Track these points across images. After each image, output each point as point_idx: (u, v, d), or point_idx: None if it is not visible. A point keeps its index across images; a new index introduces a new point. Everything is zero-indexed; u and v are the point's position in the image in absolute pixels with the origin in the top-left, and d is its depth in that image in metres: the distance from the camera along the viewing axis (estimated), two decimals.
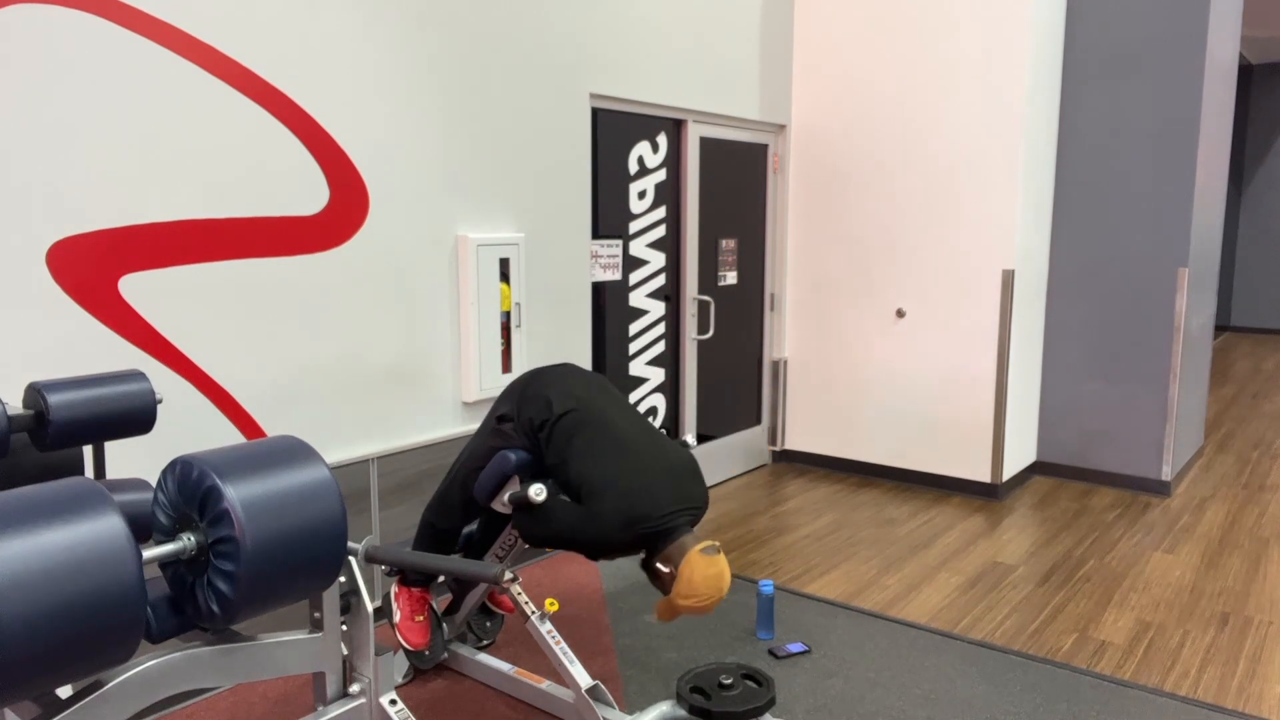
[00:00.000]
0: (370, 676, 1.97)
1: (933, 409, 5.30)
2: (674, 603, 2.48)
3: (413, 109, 3.53)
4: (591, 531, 2.50)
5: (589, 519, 2.50)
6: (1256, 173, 12.26)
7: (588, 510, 2.51)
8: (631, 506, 2.48)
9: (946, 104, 5.07)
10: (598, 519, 2.49)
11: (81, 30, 2.62)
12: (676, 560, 2.49)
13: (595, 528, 2.49)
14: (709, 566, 2.47)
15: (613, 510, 2.48)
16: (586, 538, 2.51)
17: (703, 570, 2.46)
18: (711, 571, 2.47)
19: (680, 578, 2.46)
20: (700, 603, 2.46)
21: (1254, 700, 3.04)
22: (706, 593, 2.46)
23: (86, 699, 1.57)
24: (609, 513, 2.48)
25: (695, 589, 2.44)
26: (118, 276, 2.75)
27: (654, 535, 2.50)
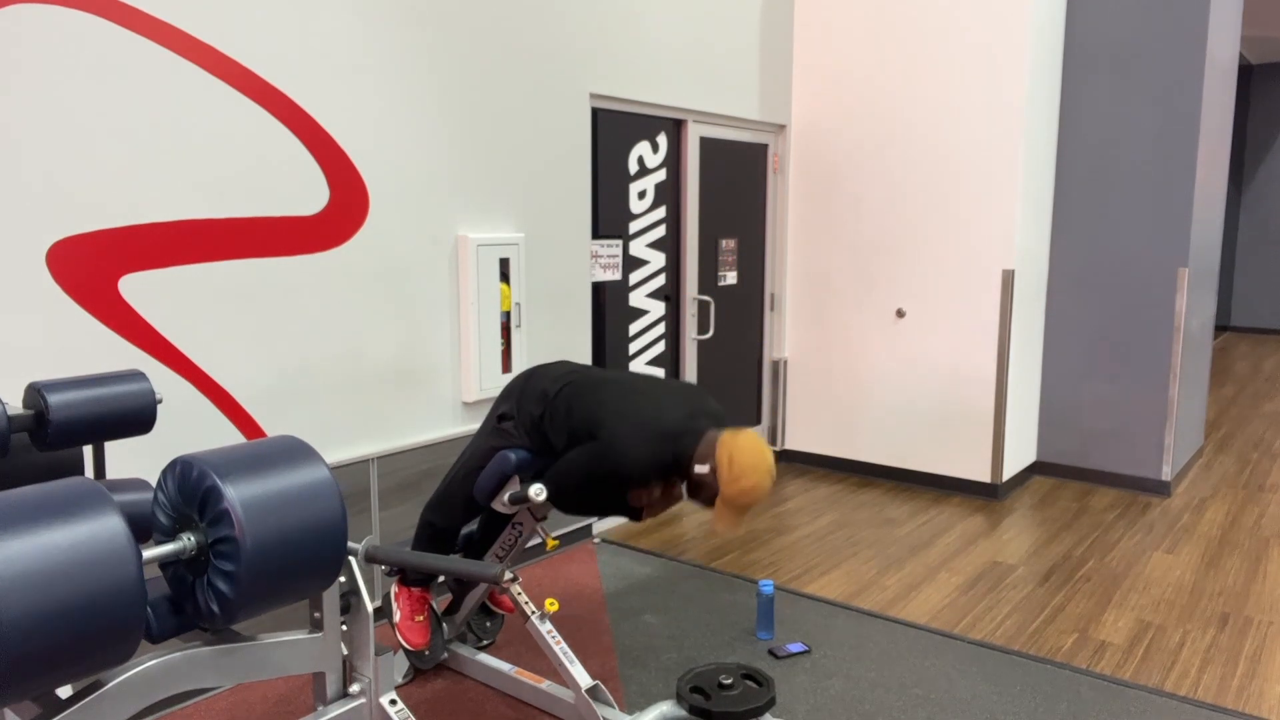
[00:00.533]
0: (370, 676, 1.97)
1: (933, 409, 5.30)
2: (727, 498, 2.33)
3: (413, 109, 3.53)
4: (615, 456, 2.37)
5: (610, 445, 2.38)
6: (1256, 173, 12.26)
7: (607, 438, 2.39)
8: (650, 419, 2.39)
9: (947, 104, 5.07)
10: (618, 440, 2.37)
11: (81, 30, 2.62)
12: (710, 454, 2.36)
13: (618, 450, 2.37)
14: (746, 439, 2.33)
15: (632, 428, 2.37)
16: (612, 464, 2.38)
17: (742, 445, 2.32)
18: (751, 443, 2.32)
19: (721, 465, 2.32)
20: (752, 480, 2.30)
21: (1254, 700, 3.04)
22: (753, 464, 2.31)
23: (86, 699, 1.57)
24: (628, 431, 2.37)
25: (742, 467, 2.31)
26: (118, 276, 2.75)
27: (679, 437, 2.38)
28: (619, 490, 2.51)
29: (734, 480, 2.33)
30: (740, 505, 2.35)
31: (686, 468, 2.42)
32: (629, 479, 2.44)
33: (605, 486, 2.46)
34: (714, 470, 2.37)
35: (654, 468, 2.43)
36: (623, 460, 2.40)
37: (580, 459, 2.47)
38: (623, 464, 2.41)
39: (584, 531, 4.51)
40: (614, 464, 2.41)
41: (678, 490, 2.55)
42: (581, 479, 2.48)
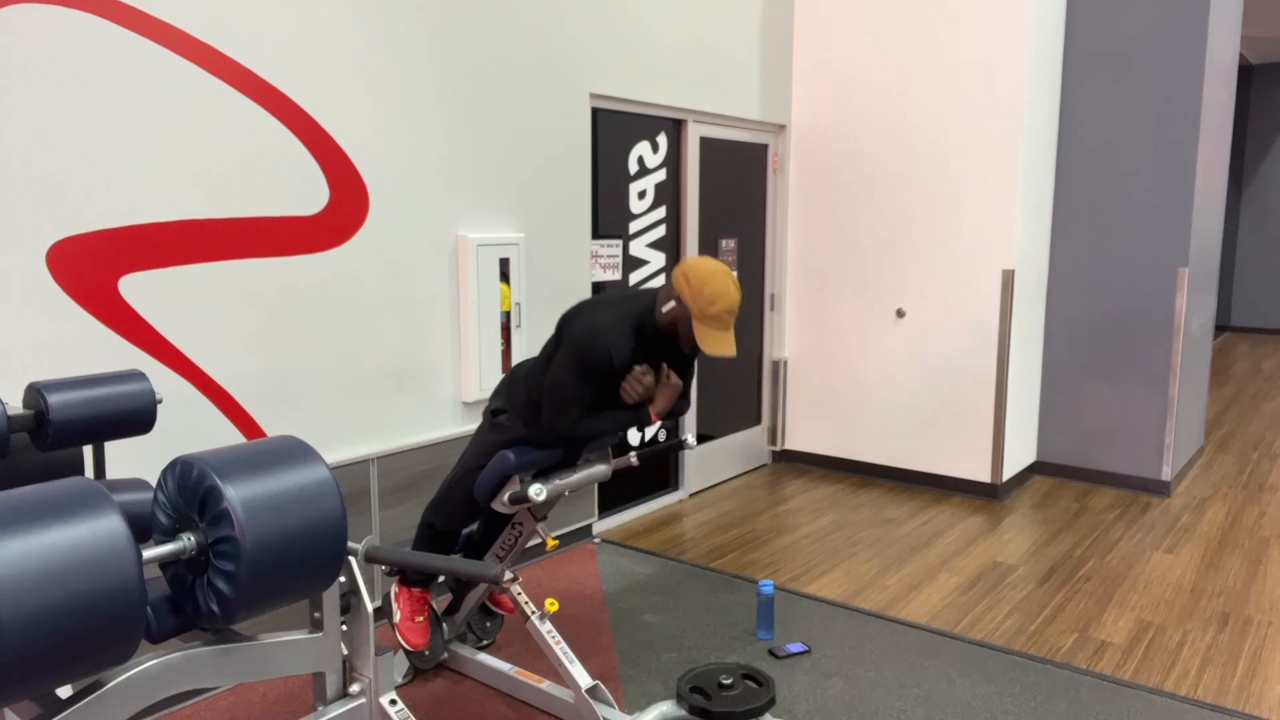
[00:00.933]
0: (370, 676, 1.97)
1: (933, 409, 5.30)
2: (700, 313, 2.35)
3: (413, 109, 3.53)
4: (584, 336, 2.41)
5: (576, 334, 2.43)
6: (1256, 173, 12.26)
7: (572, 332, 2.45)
8: (603, 302, 2.48)
9: (947, 103, 5.07)
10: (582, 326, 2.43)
11: (81, 30, 2.62)
12: (669, 288, 2.42)
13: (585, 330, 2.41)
14: (694, 259, 2.38)
15: (590, 314, 2.45)
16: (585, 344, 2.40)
17: (692, 262, 2.38)
18: (700, 259, 2.38)
19: (681, 287, 2.37)
20: (715, 284, 2.33)
21: (1254, 700, 3.04)
22: (710, 269, 2.35)
23: (86, 699, 1.57)
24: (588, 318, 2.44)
25: (700, 276, 2.35)
26: (118, 276, 2.75)
27: (636, 298, 2.46)
28: (607, 381, 2.50)
29: (699, 292, 2.35)
30: (715, 316, 2.37)
31: (662, 315, 2.45)
32: (608, 358, 2.44)
33: (593, 380, 2.45)
34: (679, 297, 2.39)
35: (625, 335, 2.44)
36: (593, 337, 2.41)
37: (559, 364, 2.48)
38: (595, 341, 2.41)
39: (584, 532, 4.51)
40: (586, 344, 2.42)
41: (667, 373, 2.55)
42: (569, 381, 2.46)
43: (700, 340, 2.38)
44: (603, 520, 4.70)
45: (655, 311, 2.48)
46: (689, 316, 2.40)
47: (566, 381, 2.47)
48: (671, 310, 2.43)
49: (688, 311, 2.39)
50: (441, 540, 2.96)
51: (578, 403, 2.49)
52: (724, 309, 2.37)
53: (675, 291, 2.41)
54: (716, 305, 2.36)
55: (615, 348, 2.44)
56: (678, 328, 2.45)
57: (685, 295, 2.38)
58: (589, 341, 2.43)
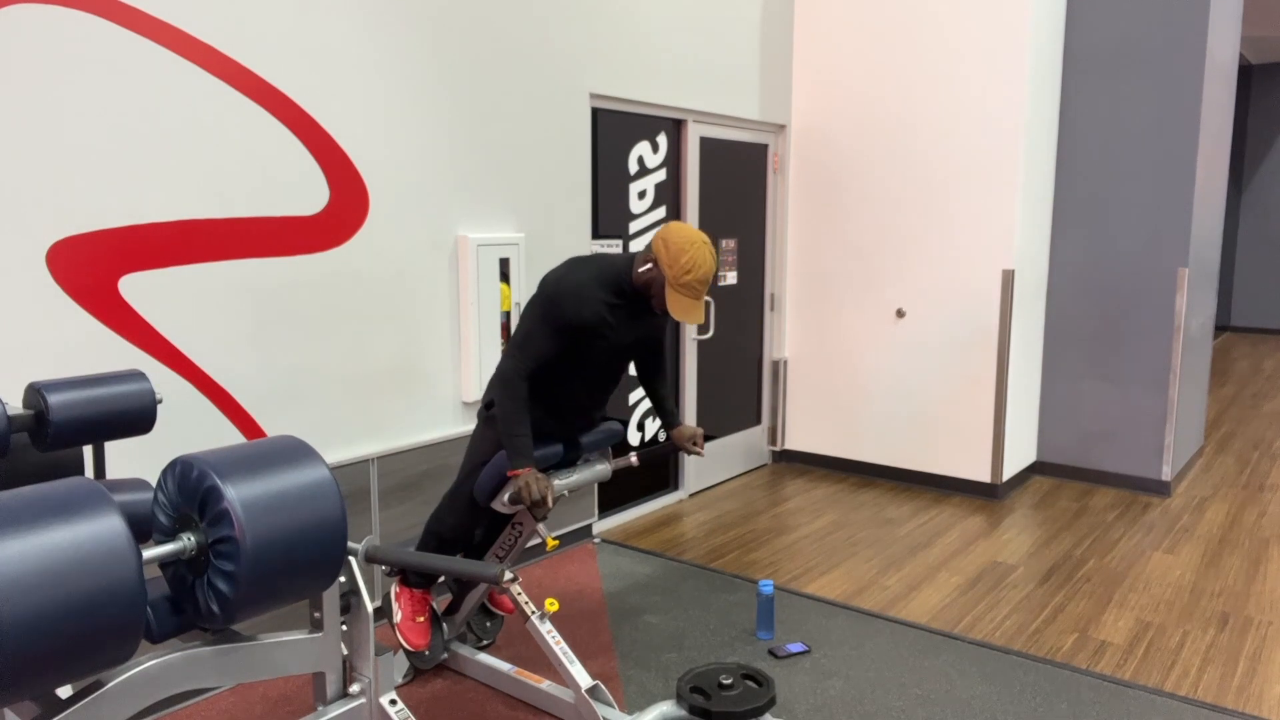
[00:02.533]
0: (370, 676, 1.97)
1: (933, 409, 5.30)
2: (674, 280, 2.39)
3: (413, 109, 3.53)
4: (554, 283, 2.45)
5: (547, 288, 2.47)
6: (1256, 173, 12.26)
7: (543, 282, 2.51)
8: (581, 259, 2.55)
9: (947, 103, 5.07)
10: (553, 275, 2.47)
11: (81, 30, 2.62)
12: (647, 251, 2.45)
13: (555, 279, 2.46)
14: (675, 225, 2.42)
15: (567, 266, 2.50)
16: (554, 290, 2.44)
17: (673, 228, 2.42)
18: (680, 225, 2.41)
19: (659, 251, 2.41)
20: (691, 252, 2.37)
21: (1254, 700, 3.04)
22: (688, 237, 2.40)
23: (86, 699, 1.57)
24: (561, 271, 2.49)
25: (678, 244, 2.39)
26: (118, 276, 2.75)
27: (615, 261, 2.49)
28: (576, 339, 2.50)
29: (675, 259, 2.39)
30: (688, 284, 2.41)
31: (638, 277, 2.48)
32: (575, 310, 2.44)
33: (559, 333, 2.46)
34: (655, 261, 2.42)
35: (599, 290, 2.46)
36: (562, 289, 2.44)
37: (527, 312, 2.48)
38: (563, 294, 2.44)
39: (584, 532, 4.51)
40: (554, 294, 2.45)
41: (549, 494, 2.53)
42: (533, 328, 2.46)
43: (671, 306, 2.42)
44: (603, 520, 4.70)
45: (631, 272, 2.52)
46: (663, 281, 2.44)
47: (532, 330, 2.50)
48: (647, 272, 2.47)
49: (662, 276, 2.43)
50: (447, 549, 2.96)
51: (537, 353, 2.49)
52: (697, 278, 2.41)
53: (653, 255, 2.46)
54: (691, 274, 2.40)
55: (584, 300, 2.47)
56: (651, 290, 2.49)
57: (662, 260, 2.42)
58: (560, 295, 2.47)
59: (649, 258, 2.47)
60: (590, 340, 2.54)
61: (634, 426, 4.86)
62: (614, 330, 2.57)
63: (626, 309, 2.57)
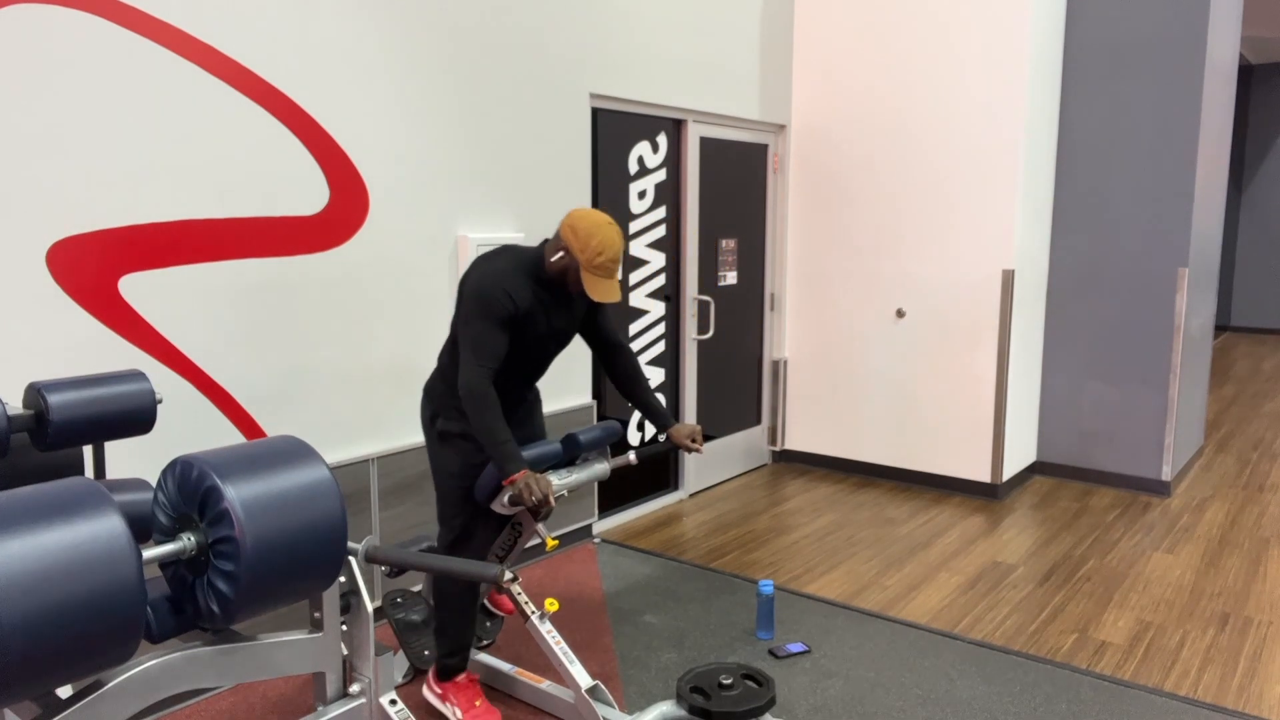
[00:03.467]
0: (370, 676, 1.97)
1: (933, 409, 5.30)
2: (586, 263, 2.46)
3: (413, 109, 3.53)
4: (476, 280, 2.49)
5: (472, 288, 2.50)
6: (1256, 173, 12.26)
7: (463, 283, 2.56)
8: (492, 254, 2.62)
9: (947, 103, 5.07)
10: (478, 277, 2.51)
11: (81, 30, 2.62)
12: (557, 239, 2.52)
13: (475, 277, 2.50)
14: (580, 210, 2.50)
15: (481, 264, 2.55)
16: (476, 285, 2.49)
17: (578, 213, 2.49)
18: (585, 210, 2.49)
19: (568, 237, 2.48)
20: (599, 235, 2.46)
21: (1254, 700, 3.04)
22: (595, 221, 2.48)
23: (86, 699, 1.57)
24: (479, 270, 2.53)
25: (586, 227, 2.47)
26: (118, 276, 2.75)
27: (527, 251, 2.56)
28: (518, 330, 2.56)
29: (586, 244, 2.47)
30: (601, 265, 2.49)
31: (552, 264, 2.56)
32: (508, 299, 2.50)
33: (502, 326, 2.49)
34: (567, 248, 2.51)
35: (520, 279, 2.53)
36: (489, 283, 2.49)
37: (464, 320, 2.50)
38: (492, 287, 2.49)
39: (584, 532, 4.51)
40: (484, 291, 2.49)
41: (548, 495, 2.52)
42: (480, 330, 2.49)
43: (589, 288, 2.49)
44: (603, 520, 4.70)
45: (544, 262, 2.59)
46: (577, 267, 2.51)
47: (477, 330, 2.50)
48: (560, 260, 2.54)
49: (576, 262, 2.51)
50: (469, 602, 2.80)
51: (491, 353, 2.50)
52: (609, 259, 2.49)
53: (563, 243, 2.52)
54: (603, 256, 2.48)
55: (513, 289, 2.52)
56: (567, 277, 2.57)
57: (573, 247, 2.49)
58: (488, 289, 2.50)
59: (560, 246, 2.53)
60: (526, 328, 2.60)
61: (634, 426, 4.86)
62: (545, 314, 2.63)
63: (548, 294, 2.64)
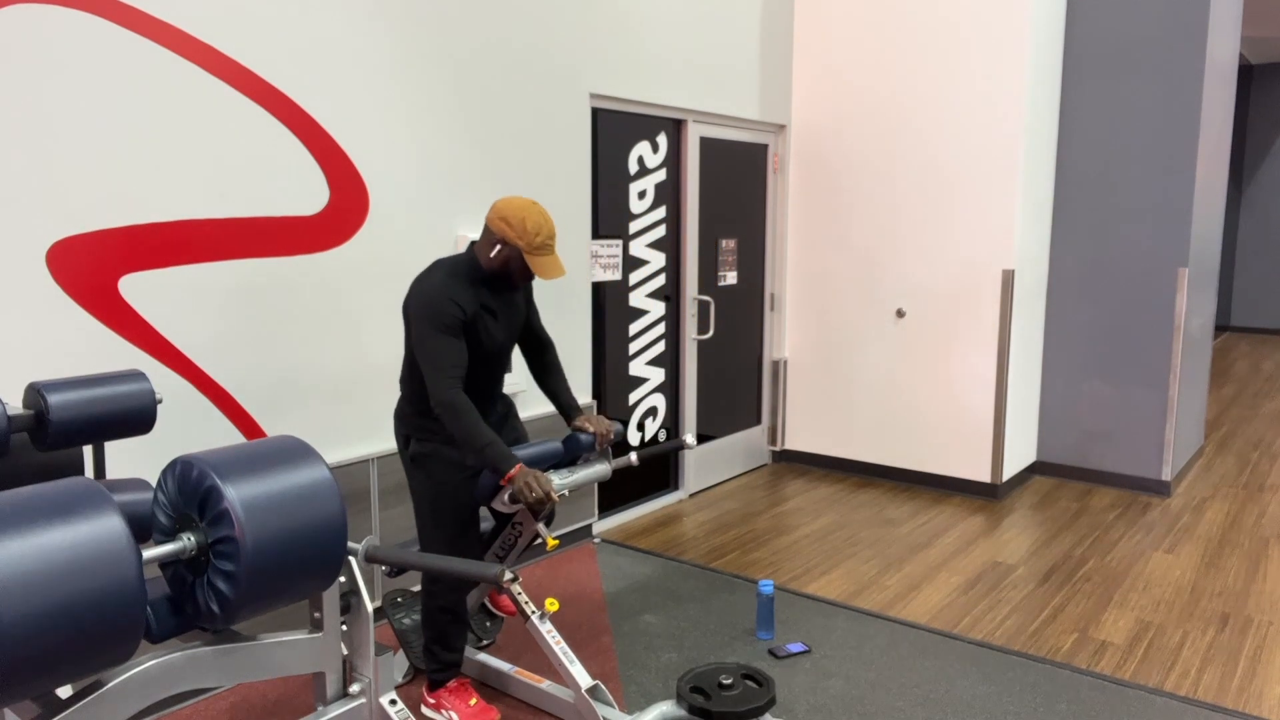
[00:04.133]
0: (370, 676, 1.97)
1: (933, 409, 5.30)
2: (528, 247, 2.55)
3: (413, 108, 3.53)
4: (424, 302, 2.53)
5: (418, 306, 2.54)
6: (1256, 173, 12.26)
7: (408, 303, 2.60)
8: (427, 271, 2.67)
9: (947, 103, 5.07)
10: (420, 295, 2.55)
11: (81, 30, 2.62)
12: (489, 234, 2.59)
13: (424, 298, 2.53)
14: (515, 200, 2.59)
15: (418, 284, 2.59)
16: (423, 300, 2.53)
17: (500, 204, 2.59)
18: (523, 201, 2.58)
19: (500, 228, 2.55)
20: (530, 216, 2.55)
21: (1254, 700, 3.04)
22: (520, 204, 2.57)
23: (86, 699, 1.57)
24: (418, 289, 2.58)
25: (515, 212, 2.55)
26: (118, 276, 2.75)
27: (458, 258, 2.64)
28: (470, 335, 2.61)
29: (522, 229, 2.56)
30: (541, 245, 2.58)
31: (489, 261, 2.62)
32: (456, 308, 2.54)
33: (455, 334, 2.53)
34: (504, 240, 2.58)
35: (461, 286, 2.59)
36: (434, 297, 2.53)
37: (418, 339, 2.54)
38: (437, 299, 2.53)
39: (584, 532, 4.51)
40: (430, 305, 2.53)
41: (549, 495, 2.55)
42: (435, 344, 2.52)
43: (536, 269, 2.58)
44: (603, 520, 4.70)
45: (480, 261, 2.65)
46: (519, 253, 2.59)
47: (433, 346, 2.53)
48: (500, 253, 2.60)
49: (517, 249, 2.58)
50: (460, 609, 2.83)
51: (453, 363, 2.53)
52: (547, 236, 2.59)
53: (498, 235, 2.58)
54: (540, 235, 2.57)
55: (456, 296, 2.56)
56: (510, 265, 2.62)
57: (509, 236, 2.57)
58: (432, 302, 2.54)
59: (494, 240, 2.59)
60: (478, 330, 2.64)
61: (634, 426, 4.86)
62: (491, 314, 2.69)
63: (491, 294, 2.69)
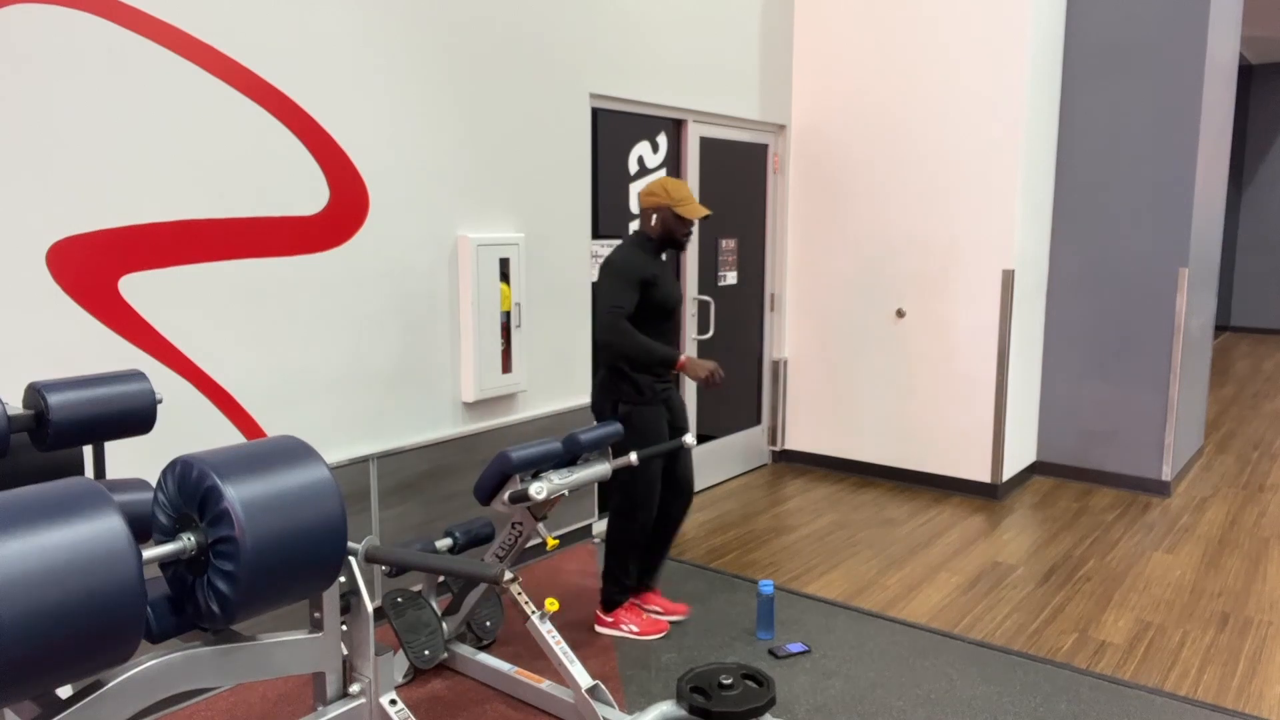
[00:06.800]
0: (370, 676, 1.97)
1: (933, 409, 5.30)
2: (673, 202, 3.25)
3: (413, 109, 3.53)
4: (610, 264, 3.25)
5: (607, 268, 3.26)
6: (1256, 173, 12.26)
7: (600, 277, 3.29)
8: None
9: (947, 103, 5.07)
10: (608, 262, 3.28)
11: (81, 30, 2.62)
12: (643, 208, 3.32)
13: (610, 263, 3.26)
14: (655, 179, 3.15)
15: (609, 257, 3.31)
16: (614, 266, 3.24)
17: (658, 180, 3.30)
18: (659, 177, 3.14)
19: (651, 197, 3.26)
20: (668, 180, 3.28)
21: (1254, 700, 3.04)
22: (659, 178, 3.30)
23: (86, 699, 1.57)
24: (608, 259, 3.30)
25: (658, 182, 3.29)
26: (118, 276, 2.75)
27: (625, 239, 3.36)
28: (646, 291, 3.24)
29: (663, 192, 3.28)
30: (681, 197, 3.26)
31: (653, 230, 3.33)
32: (638, 265, 3.23)
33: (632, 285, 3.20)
34: (658, 207, 3.29)
35: (641, 255, 3.28)
36: (618, 259, 3.26)
37: (601, 289, 3.23)
38: (620, 260, 3.25)
39: (584, 532, 4.51)
40: (615, 264, 3.24)
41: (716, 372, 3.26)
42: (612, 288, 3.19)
43: (685, 214, 3.26)
44: (603, 520, 4.70)
45: (648, 235, 3.34)
46: (670, 210, 3.28)
47: (610, 288, 3.21)
48: (659, 219, 3.31)
49: (667, 207, 3.28)
50: (641, 539, 3.39)
51: (622, 303, 3.17)
52: (684, 190, 3.29)
53: (651, 206, 3.30)
54: (679, 191, 3.28)
55: (639, 260, 3.26)
56: (669, 227, 3.31)
57: (659, 200, 3.28)
58: (616, 262, 3.24)
59: (650, 211, 3.31)
60: (655, 288, 3.26)
61: None
62: (664, 276, 3.31)
63: (659, 265, 3.33)
